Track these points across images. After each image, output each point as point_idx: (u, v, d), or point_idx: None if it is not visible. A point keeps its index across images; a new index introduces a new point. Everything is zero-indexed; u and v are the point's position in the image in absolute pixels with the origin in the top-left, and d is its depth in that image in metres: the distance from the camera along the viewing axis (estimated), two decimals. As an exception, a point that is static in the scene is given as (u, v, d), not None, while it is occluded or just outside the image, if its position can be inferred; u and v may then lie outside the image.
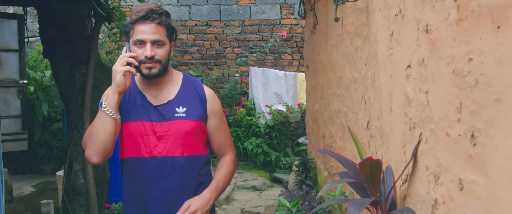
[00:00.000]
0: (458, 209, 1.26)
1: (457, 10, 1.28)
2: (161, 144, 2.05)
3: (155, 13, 1.99)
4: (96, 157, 1.97)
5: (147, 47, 1.95)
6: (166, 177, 2.06)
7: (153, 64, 1.98)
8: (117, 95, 1.92)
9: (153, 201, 2.07)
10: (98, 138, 1.94)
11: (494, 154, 1.07)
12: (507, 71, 1.02)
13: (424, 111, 1.52)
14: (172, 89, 2.12)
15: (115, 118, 1.95)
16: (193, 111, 2.10)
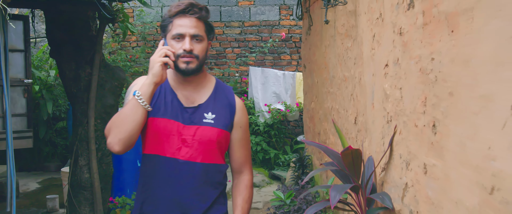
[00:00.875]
0: (423, 190, 1.43)
1: (423, 15, 1.45)
2: (185, 147, 1.98)
3: (195, 7, 1.94)
4: (119, 146, 1.87)
5: (186, 41, 1.90)
6: (183, 182, 1.98)
7: (191, 59, 1.92)
8: (152, 86, 1.86)
9: (165, 202, 2.00)
10: (126, 127, 1.86)
11: (448, 140, 1.24)
12: (457, 69, 1.19)
13: (398, 105, 1.70)
14: (204, 93, 2.05)
15: (147, 109, 1.88)
16: (221, 119, 2.02)
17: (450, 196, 1.22)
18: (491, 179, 0.99)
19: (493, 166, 0.98)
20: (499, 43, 0.97)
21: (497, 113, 0.97)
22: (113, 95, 4.31)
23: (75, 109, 4.26)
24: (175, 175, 1.96)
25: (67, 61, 4.16)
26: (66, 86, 4.27)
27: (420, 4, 1.47)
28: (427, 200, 1.39)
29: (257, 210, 5.95)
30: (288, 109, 7.59)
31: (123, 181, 4.59)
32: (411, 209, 1.53)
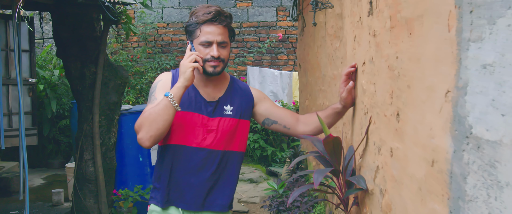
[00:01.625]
0: (389, 171, 1.66)
1: (390, 20, 1.68)
2: (209, 137, 2.17)
3: (222, 15, 2.10)
4: (150, 142, 2.02)
5: (213, 48, 2.07)
6: (208, 168, 2.18)
7: (218, 63, 2.11)
8: (184, 89, 2.02)
9: (191, 190, 2.19)
10: (157, 125, 2.00)
11: (406, 125, 1.47)
12: (413, 65, 1.42)
13: (373, 99, 1.93)
14: (222, 88, 2.25)
15: (178, 109, 2.03)
16: (238, 109, 2.23)
17: (407, 172, 1.45)
18: (431, 153, 1.22)
19: (433, 143, 1.21)
20: (438, 44, 1.20)
21: (437, 100, 1.20)
22: (117, 93, 4.54)
23: (80, 105, 4.48)
24: (200, 163, 2.17)
25: (73, 61, 4.39)
26: (72, 84, 4.49)
27: (388, 10, 1.71)
28: (392, 179, 1.62)
29: (254, 204, 6.18)
30: (285, 107, 7.82)
31: (126, 175, 4.81)
32: (381, 188, 1.76)
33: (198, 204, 2.21)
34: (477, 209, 0.98)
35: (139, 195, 4.56)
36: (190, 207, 2.20)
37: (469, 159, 1.02)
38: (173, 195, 2.20)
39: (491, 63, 0.92)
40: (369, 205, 1.95)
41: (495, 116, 0.91)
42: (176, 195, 2.20)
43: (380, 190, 1.77)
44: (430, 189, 1.25)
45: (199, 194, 2.19)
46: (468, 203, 1.03)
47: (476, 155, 0.99)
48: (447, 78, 1.13)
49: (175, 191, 2.20)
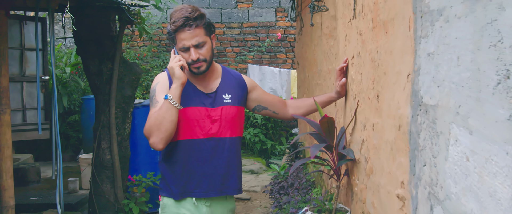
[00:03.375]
0: (371, 141, 2.09)
1: (372, 22, 2.11)
2: (215, 126, 2.27)
3: (190, 20, 2.15)
4: (162, 144, 2.15)
5: (191, 52, 2.17)
6: (218, 156, 2.29)
7: (200, 64, 2.22)
8: (180, 88, 2.14)
9: (206, 178, 2.29)
10: (165, 127, 2.12)
11: (383, 104, 1.90)
12: (387, 57, 1.85)
13: (360, 86, 2.36)
14: (216, 79, 2.36)
15: (179, 108, 2.15)
16: (236, 97, 2.35)
17: (383, 139, 1.89)
18: (398, 120, 1.65)
19: (399, 113, 1.65)
20: (403, 40, 1.63)
21: (402, 81, 1.63)
22: (131, 88, 4.96)
23: (97, 99, 4.90)
24: (211, 152, 2.28)
25: (91, 58, 4.81)
26: (90, 79, 4.91)
27: (370, 14, 2.14)
28: (373, 147, 2.05)
29: (255, 193, 6.61)
30: (283, 103, 8.26)
31: (139, 163, 5.24)
32: (365, 157, 2.19)
33: (216, 190, 2.31)
34: (426, 154, 1.41)
35: (151, 181, 4.98)
36: (209, 194, 2.30)
37: (421, 120, 1.45)
38: (190, 186, 2.29)
39: (432, 52, 1.35)
40: (356, 173, 2.38)
41: (434, 88, 1.34)
42: (193, 186, 2.29)
43: (365, 158, 2.21)
44: (398, 148, 1.68)
45: (215, 180, 2.30)
46: (420, 151, 1.46)
47: (425, 116, 1.42)
48: (408, 65, 1.57)
49: (192, 182, 2.29)
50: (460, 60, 1.15)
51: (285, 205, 3.69)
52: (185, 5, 2.23)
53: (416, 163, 1.50)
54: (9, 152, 3.40)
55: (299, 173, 4.64)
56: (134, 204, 4.78)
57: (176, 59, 2.15)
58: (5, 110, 3.37)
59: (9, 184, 3.39)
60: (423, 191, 1.43)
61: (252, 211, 5.74)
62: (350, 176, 2.54)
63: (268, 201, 5.88)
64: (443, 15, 1.26)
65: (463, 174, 1.15)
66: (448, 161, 1.24)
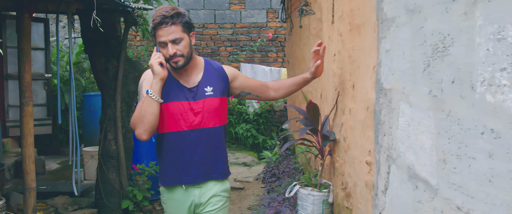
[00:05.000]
0: (348, 123, 2.55)
1: (349, 24, 2.57)
2: (197, 118, 2.40)
3: (166, 18, 2.27)
4: (146, 135, 2.30)
5: (168, 47, 2.29)
6: (204, 145, 2.42)
7: (177, 59, 2.32)
8: (159, 82, 2.27)
9: (194, 165, 2.43)
10: (147, 119, 2.26)
11: (357, 91, 2.36)
12: (360, 54, 2.31)
13: (340, 78, 2.81)
14: (198, 73, 2.47)
15: (160, 102, 2.29)
16: (217, 88, 2.46)
17: (357, 120, 2.35)
18: (367, 103, 2.11)
19: (368, 97, 2.11)
20: (371, 40, 2.09)
21: (370, 72, 2.09)
22: (134, 84, 5.38)
23: (104, 94, 5.32)
24: (196, 141, 2.41)
25: (98, 56, 5.22)
26: (97, 76, 5.33)
27: (348, 18, 2.60)
28: (350, 128, 2.51)
29: (248, 183, 7.05)
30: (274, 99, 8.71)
31: (141, 153, 5.67)
32: (344, 136, 2.65)
33: (204, 175, 2.46)
34: (385, 127, 1.87)
35: (153, 170, 5.42)
36: (197, 180, 2.45)
37: (382, 101, 1.91)
38: (180, 174, 2.44)
39: (389, 49, 1.81)
40: (337, 151, 2.85)
41: (390, 76, 1.79)
42: (182, 174, 2.43)
43: (344, 138, 2.67)
44: (367, 124, 2.14)
45: (203, 167, 2.44)
46: (381, 125, 1.92)
47: (384, 98, 1.88)
48: (374, 59, 2.03)
49: (181, 170, 2.44)
50: (404, 54, 1.61)
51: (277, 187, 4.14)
52: (165, 5, 2.39)
53: (379, 134, 1.96)
54: (32, 139, 3.81)
55: (289, 162, 5.09)
56: (138, 191, 5.20)
57: (155, 57, 2.28)
58: (28, 102, 3.78)
59: (31, 168, 3.80)
60: (383, 155, 1.89)
61: (245, 199, 6.19)
62: (332, 155, 3.00)
63: (260, 190, 6.33)
64: (395, 22, 1.72)
65: (406, 136, 1.61)
66: (398, 129, 1.70)
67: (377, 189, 1.98)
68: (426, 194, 1.43)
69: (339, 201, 2.76)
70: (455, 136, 1.20)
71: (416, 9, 1.48)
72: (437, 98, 1.32)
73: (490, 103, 1.02)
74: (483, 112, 1.05)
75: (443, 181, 1.29)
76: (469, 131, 1.13)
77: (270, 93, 2.68)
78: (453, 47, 1.20)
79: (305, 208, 2.91)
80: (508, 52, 0.94)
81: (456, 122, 1.19)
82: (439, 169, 1.31)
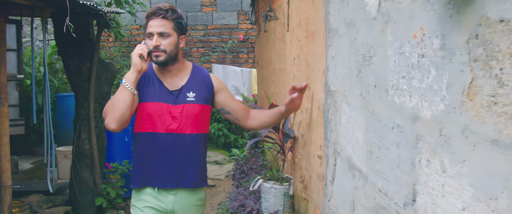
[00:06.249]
0: (305, 121, 2.80)
1: (306, 31, 2.82)
2: (175, 122, 2.33)
3: (161, 10, 2.26)
4: (114, 125, 2.23)
5: (154, 39, 2.25)
6: (178, 150, 2.34)
7: (159, 53, 2.26)
8: (135, 74, 2.22)
9: (165, 169, 2.35)
10: (117, 108, 2.21)
11: (312, 92, 2.61)
12: (313, 58, 2.56)
13: (299, 80, 3.06)
14: (184, 77, 2.40)
15: (133, 92, 2.23)
16: (201, 95, 2.38)
17: (311, 118, 2.60)
18: (318, 103, 2.36)
19: (319, 97, 2.35)
20: (321, 47, 2.34)
21: (320, 76, 2.34)
22: (108, 85, 5.54)
23: (77, 95, 5.46)
24: (170, 146, 2.34)
25: (71, 58, 5.37)
26: (70, 77, 5.47)
27: (305, 26, 2.85)
28: (306, 125, 2.76)
29: (220, 180, 7.27)
30: (245, 99, 8.94)
31: (114, 152, 5.83)
32: (302, 134, 2.90)
33: (174, 182, 2.36)
34: (332, 124, 2.12)
35: (126, 168, 5.59)
36: (166, 185, 2.36)
37: (329, 101, 2.16)
38: (149, 176, 2.36)
39: (333, 56, 2.06)
40: (296, 147, 3.10)
41: (334, 79, 2.04)
42: (152, 176, 2.36)
43: (301, 135, 2.92)
44: (318, 123, 2.39)
45: (173, 173, 2.35)
46: (329, 122, 2.17)
47: (331, 99, 2.13)
48: (323, 64, 2.28)
49: (151, 172, 2.36)
50: (344, 61, 1.86)
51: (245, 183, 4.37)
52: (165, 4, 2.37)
53: (327, 131, 2.21)
54: (7, 139, 3.95)
55: (257, 159, 5.32)
56: (111, 189, 5.37)
57: (138, 49, 2.25)
58: (4, 103, 3.92)
59: (7, 167, 3.95)
60: (331, 149, 2.14)
61: (216, 196, 6.41)
62: (293, 151, 3.25)
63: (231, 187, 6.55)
64: (337, 32, 1.97)
65: (346, 132, 1.86)
66: (341, 126, 1.95)
67: (327, 179, 2.23)
68: (360, 181, 1.68)
69: (298, 193, 3.01)
70: (377, 131, 1.45)
71: (352, 22, 1.73)
72: (365, 99, 1.57)
73: (397, 104, 1.27)
74: (393, 111, 1.30)
75: (370, 169, 1.54)
76: (385, 126, 1.38)
77: (248, 122, 2.49)
78: (375, 57, 1.45)
79: (267, 200, 3.15)
80: (406, 63, 1.19)
81: (377, 119, 1.45)
82: (368, 159, 1.57)
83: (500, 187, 0.79)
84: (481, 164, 0.85)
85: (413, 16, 1.14)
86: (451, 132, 0.96)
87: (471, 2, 0.86)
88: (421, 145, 1.12)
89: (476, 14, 0.84)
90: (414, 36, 1.13)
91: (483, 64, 0.83)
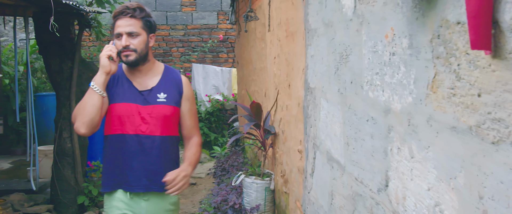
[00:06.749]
0: (286, 118, 2.91)
1: (286, 31, 2.93)
2: (144, 124, 2.25)
3: (128, 9, 2.19)
4: (84, 129, 2.16)
5: (123, 38, 2.16)
6: (147, 152, 2.25)
7: (129, 52, 2.17)
8: (104, 76, 2.15)
9: (133, 172, 2.26)
10: (86, 111, 2.13)
11: (292, 90, 2.72)
12: (294, 57, 2.67)
13: (279, 79, 3.17)
14: (154, 77, 2.32)
15: (102, 95, 2.15)
16: (172, 97, 2.31)
17: (292, 115, 2.71)
18: (298, 99, 2.47)
19: (299, 94, 2.47)
20: (300, 47, 2.45)
21: (300, 74, 2.45)
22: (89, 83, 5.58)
23: (59, 94, 5.49)
24: (139, 148, 2.25)
25: (53, 58, 5.39)
26: (51, 76, 5.49)
27: (284, 26, 2.96)
28: (286, 122, 2.88)
29: (201, 179, 7.35)
30: (225, 98, 9.03)
31: (96, 151, 5.87)
32: (282, 130, 3.02)
33: (142, 185, 2.28)
34: (311, 119, 2.24)
35: (108, 167, 5.65)
36: (134, 189, 2.28)
37: (309, 98, 2.27)
38: (119, 179, 2.28)
39: (313, 54, 2.17)
40: (277, 143, 3.21)
41: (313, 77, 2.16)
42: (121, 179, 2.28)
43: (282, 131, 3.03)
44: (298, 118, 2.51)
45: (141, 176, 2.27)
46: (309, 118, 2.28)
47: (310, 95, 2.24)
48: (303, 63, 2.39)
49: (121, 175, 2.28)
50: (323, 59, 1.97)
51: (226, 180, 4.47)
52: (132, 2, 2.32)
53: (307, 126, 2.33)
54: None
55: (238, 157, 5.42)
56: (93, 187, 5.41)
57: (106, 50, 2.17)
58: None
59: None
60: (310, 143, 2.26)
61: (198, 193, 6.49)
62: (273, 147, 3.36)
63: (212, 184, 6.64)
64: (316, 32, 2.09)
65: (325, 126, 1.97)
66: (320, 121, 2.06)
67: (306, 172, 2.34)
68: (338, 172, 1.79)
69: (279, 187, 3.12)
70: (353, 123, 1.57)
71: (330, 23, 1.84)
72: (342, 95, 1.69)
73: (371, 98, 1.39)
74: (368, 105, 1.42)
75: (348, 160, 1.66)
76: (361, 119, 1.49)
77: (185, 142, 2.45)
78: (351, 56, 1.57)
79: (249, 195, 3.25)
80: (379, 61, 1.31)
81: (353, 113, 1.56)
82: (345, 150, 1.68)
83: (458, 167, 0.91)
84: (443, 148, 0.97)
85: (385, 18, 1.26)
86: (418, 122, 1.08)
87: (434, 7, 0.97)
88: (392, 135, 1.24)
89: (438, 17, 0.96)
90: (386, 36, 1.25)
91: (444, 61, 0.95)
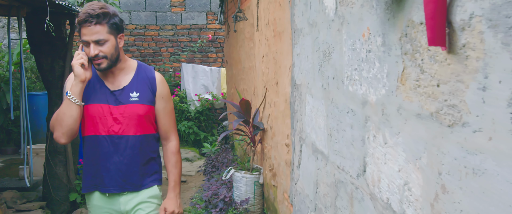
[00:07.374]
0: (274, 114, 3.04)
1: (273, 31, 3.06)
2: (117, 124, 2.20)
3: (91, 16, 2.06)
4: (64, 139, 2.16)
5: (91, 48, 2.08)
6: (120, 153, 2.21)
7: (100, 61, 2.11)
8: (80, 84, 2.08)
9: (108, 174, 2.23)
10: (65, 122, 2.10)
11: (279, 86, 2.85)
12: (281, 56, 2.80)
13: (267, 77, 3.30)
14: (127, 76, 2.26)
15: (80, 105, 2.10)
16: (145, 96, 2.25)
17: (279, 111, 2.83)
18: (286, 96, 2.60)
19: (286, 91, 2.60)
20: (287, 46, 2.58)
21: (287, 71, 2.58)
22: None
23: (50, 93, 5.57)
24: (113, 149, 2.21)
25: (44, 57, 5.47)
26: (43, 75, 5.57)
27: (272, 26, 3.09)
28: (274, 118, 3.00)
29: (191, 176, 7.46)
30: (214, 98, 9.15)
31: (87, 149, 5.96)
32: (270, 126, 3.14)
33: (117, 186, 2.26)
34: (297, 114, 2.37)
35: (99, 164, 5.73)
36: (110, 189, 2.26)
37: (295, 94, 2.40)
38: (95, 180, 2.26)
39: (299, 53, 2.30)
40: (265, 139, 3.33)
41: (299, 74, 2.29)
42: (97, 180, 2.26)
43: (270, 127, 3.16)
44: (285, 114, 2.64)
45: (116, 177, 2.24)
46: (295, 113, 2.41)
47: (297, 92, 2.37)
48: (289, 61, 2.52)
49: (96, 177, 2.26)
50: (308, 57, 2.11)
51: (216, 176, 4.59)
52: (95, 1, 2.25)
53: (293, 121, 2.46)
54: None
55: (228, 154, 5.55)
56: (85, 184, 5.51)
57: (78, 57, 2.10)
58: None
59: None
60: (297, 137, 2.39)
61: (188, 191, 6.60)
62: (262, 143, 3.49)
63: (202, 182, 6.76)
64: (302, 32, 2.22)
65: (310, 120, 2.11)
66: (306, 115, 2.20)
67: (293, 165, 2.47)
68: (322, 162, 1.92)
69: (268, 181, 3.25)
70: (335, 116, 1.70)
71: (314, 23, 1.98)
72: (326, 90, 1.82)
73: (350, 92, 1.52)
74: (348, 98, 1.55)
75: (331, 150, 1.79)
76: (342, 111, 1.63)
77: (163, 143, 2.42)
78: (333, 53, 1.70)
79: (239, 188, 3.38)
80: (357, 58, 1.44)
81: (335, 106, 1.70)
82: (328, 141, 1.81)
83: (422, 149, 1.05)
84: (410, 133, 1.10)
85: (362, 19, 1.39)
86: (390, 111, 1.22)
87: (402, 9, 1.11)
88: (369, 124, 1.37)
89: (405, 18, 1.10)
90: (363, 35, 1.38)
91: (411, 56, 1.08)
